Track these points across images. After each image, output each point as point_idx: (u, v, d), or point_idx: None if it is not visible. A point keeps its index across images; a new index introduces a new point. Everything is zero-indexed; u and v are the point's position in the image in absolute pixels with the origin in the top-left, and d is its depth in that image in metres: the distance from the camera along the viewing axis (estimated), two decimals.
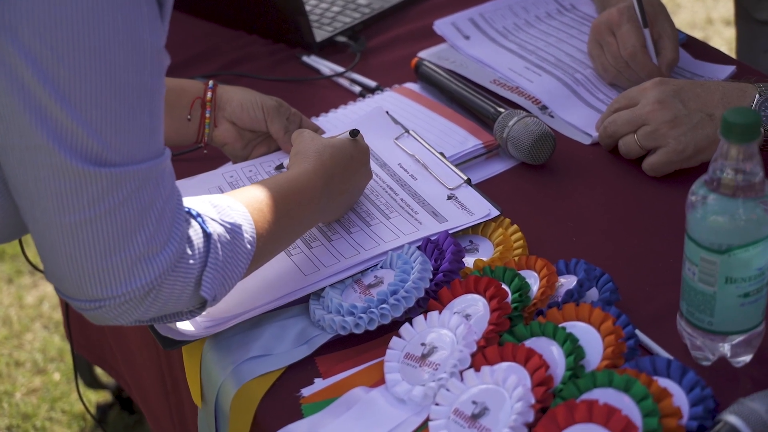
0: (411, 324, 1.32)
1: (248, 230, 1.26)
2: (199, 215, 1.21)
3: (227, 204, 1.25)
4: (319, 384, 1.31)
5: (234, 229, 1.24)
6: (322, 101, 1.77)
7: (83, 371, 2.43)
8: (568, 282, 1.37)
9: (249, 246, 1.25)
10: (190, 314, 1.26)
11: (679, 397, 1.21)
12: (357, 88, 1.80)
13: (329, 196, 1.41)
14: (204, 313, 1.29)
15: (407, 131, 1.63)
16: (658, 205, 1.54)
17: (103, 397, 2.53)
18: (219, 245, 1.21)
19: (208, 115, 1.59)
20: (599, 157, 1.64)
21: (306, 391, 1.30)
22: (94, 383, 2.48)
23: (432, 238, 1.42)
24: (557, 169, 1.62)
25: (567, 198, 1.58)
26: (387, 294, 1.36)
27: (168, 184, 1.18)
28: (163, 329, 1.35)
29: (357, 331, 1.35)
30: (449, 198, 1.52)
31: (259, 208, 1.29)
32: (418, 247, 1.42)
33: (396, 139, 1.63)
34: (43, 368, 2.66)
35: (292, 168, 1.41)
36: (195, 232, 1.20)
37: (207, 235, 1.21)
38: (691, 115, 1.57)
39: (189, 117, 1.58)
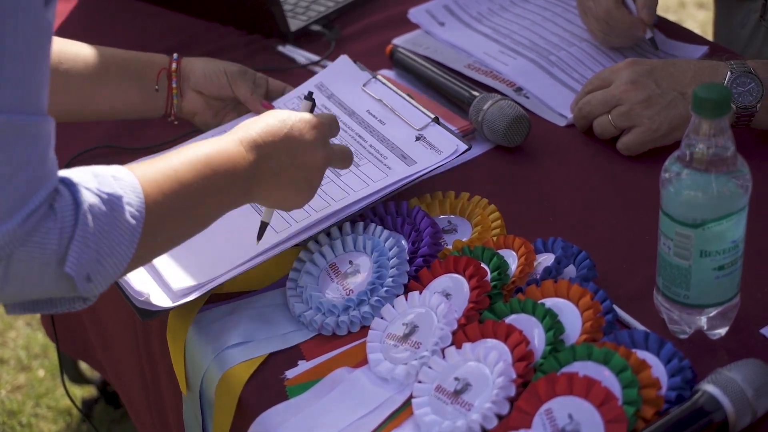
0: (392, 305, 1.34)
1: (133, 202, 1.13)
2: (72, 184, 1.10)
3: (111, 173, 1.14)
4: (303, 366, 1.33)
5: (112, 200, 1.11)
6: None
7: (68, 367, 2.43)
8: (545, 260, 1.39)
9: (132, 220, 1.12)
10: (70, 303, 1.15)
11: (658, 369, 1.23)
12: None
13: (264, 171, 1.28)
14: (177, 281, 1.28)
15: (375, 76, 1.65)
16: (633, 183, 1.56)
17: (89, 392, 2.54)
18: (90, 217, 1.09)
19: (174, 85, 1.62)
20: (574, 138, 1.66)
21: (290, 374, 1.32)
22: (79, 378, 2.48)
23: (409, 220, 1.44)
24: (533, 151, 1.64)
25: (543, 179, 1.60)
26: (366, 293, 1.37)
27: (38, 150, 1.07)
28: (140, 303, 1.36)
29: (339, 333, 1.36)
30: (417, 139, 1.54)
31: (154, 179, 1.17)
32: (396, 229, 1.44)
33: (364, 85, 1.65)
34: (27, 365, 2.67)
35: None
36: (63, 203, 1.08)
37: (76, 206, 1.09)
38: (664, 94, 1.59)
39: (156, 88, 1.61)
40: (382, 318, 1.34)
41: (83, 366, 2.48)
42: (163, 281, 1.38)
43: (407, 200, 1.49)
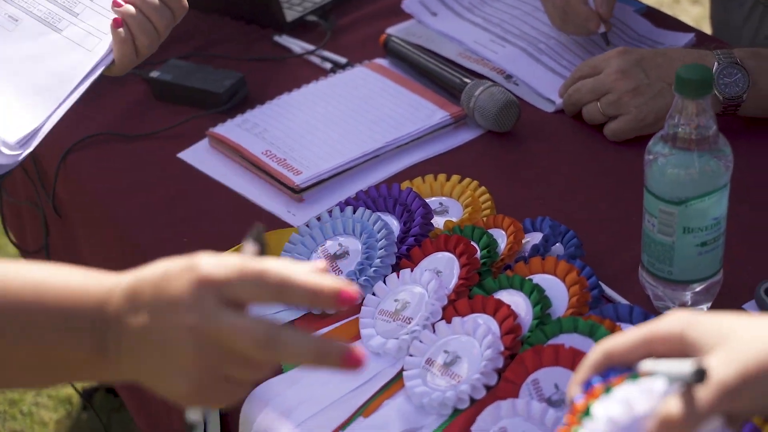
0: (384, 282, 1.38)
1: None
2: None
3: None
4: None
5: None
6: (295, 79, 1.82)
7: None
8: (534, 238, 1.42)
9: None
10: None
11: None
12: (328, 65, 1.85)
13: (128, 328, 0.87)
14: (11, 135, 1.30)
15: None
16: (619, 167, 1.60)
17: (90, 382, 2.57)
18: None
19: None
20: (563, 123, 1.70)
21: None
22: None
23: (401, 201, 1.47)
24: (523, 136, 1.68)
25: (532, 163, 1.63)
26: (355, 273, 1.40)
27: None
28: None
29: (330, 311, 1.40)
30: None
31: None
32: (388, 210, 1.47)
33: None
34: None
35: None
36: None
37: None
38: (653, 84, 1.63)
39: None
40: (374, 295, 1.37)
41: None
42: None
43: (399, 183, 1.53)
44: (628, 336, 0.90)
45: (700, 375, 0.81)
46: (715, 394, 0.82)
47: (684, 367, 0.83)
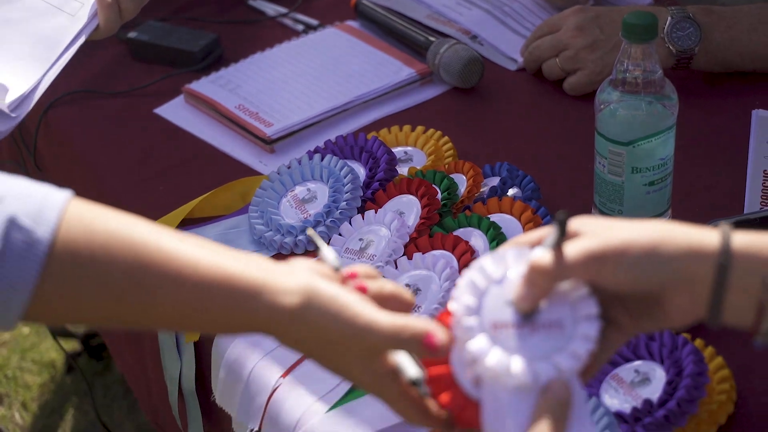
0: (350, 223, 1.45)
1: (11, 268, 0.87)
2: None
3: (12, 216, 0.87)
4: None
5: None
6: (268, 40, 1.88)
7: None
8: (493, 183, 1.49)
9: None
10: None
11: None
12: (300, 27, 1.92)
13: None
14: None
15: None
16: (577, 119, 1.67)
17: (72, 346, 2.64)
18: None
19: None
20: (524, 80, 1.77)
21: None
22: (63, 332, 2.58)
23: (366, 149, 1.54)
24: (486, 92, 1.75)
25: (495, 117, 1.70)
26: (322, 215, 1.47)
27: None
28: None
29: (297, 252, 1.46)
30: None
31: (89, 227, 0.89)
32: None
33: None
34: None
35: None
36: None
37: None
38: (608, 39, 1.70)
39: None
40: (340, 235, 1.44)
41: None
42: None
43: (365, 134, 1.60)
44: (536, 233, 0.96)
45: (563, 220, 0.88)
46: (580, 253, 0.88)
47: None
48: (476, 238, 1.38)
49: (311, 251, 1.46)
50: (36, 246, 0.87)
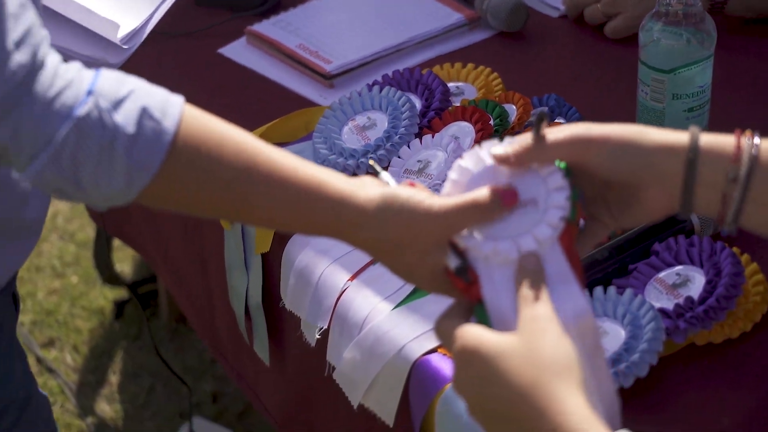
0: (408, 146, 1.56)
1: (145, 146, 0.98)
2: (92, 93, 0.98)
3: (145, 106, 0.98)
4: None
5: (115, 133, 0.98)
6: None
7: (102, 268, 2.65)
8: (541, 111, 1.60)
9: (132, 163, 0.98)
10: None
11: None
12: None
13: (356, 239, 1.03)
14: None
15: None
16: (617, 60, 1.78)
17: (120, 294, 2.75)
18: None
19: None
20: (566, 26, 1.88)
21: None
22: (112, 279, 2.70)
23: (422, 82, 1.65)
24: (530, 36, 1.86)
25: (539, 60, 1.81)
26: (382, 140, 1.58)
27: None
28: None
29: (359, 173, 1.58)
30: None
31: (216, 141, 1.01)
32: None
33: None
34: (61, 272, 2.88)
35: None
36: (75, 75, 0.99)
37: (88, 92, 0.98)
38: None
39: None
40: (399, 158, 1.55)
41: (116, 268, 2.69)
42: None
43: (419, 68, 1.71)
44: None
45: (545, 113, 0.97)
46: (565, 135, 0.95)
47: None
48: None
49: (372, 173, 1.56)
50: (163, 134, 0.98)
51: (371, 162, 1.13)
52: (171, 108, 1.00)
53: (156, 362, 2.56)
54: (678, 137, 0.95)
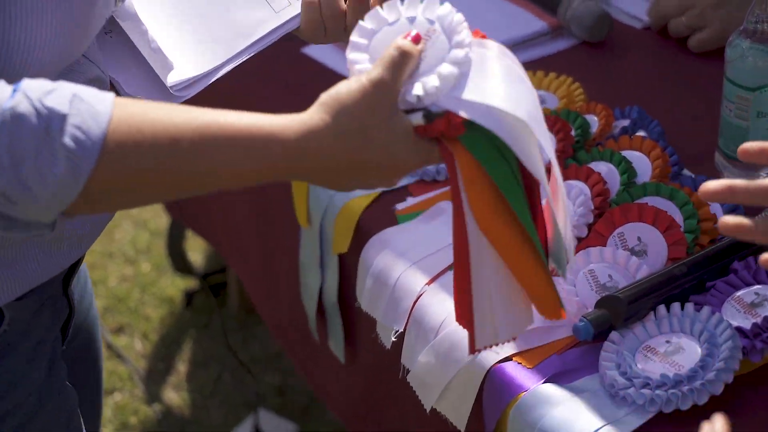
0: None
1: (85, 127, 0.97)
2: (18, 89, 0.97)
3: (75, 92, 0.98)
4: (411, 200, 1.56)
5: (50, 117, 0.96)
6: None
7: (174, 257, 2.69)
8: (622, 124, 1.60)
9: (73, 144, 0.96)
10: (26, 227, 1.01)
11: (715, 207, 1.44)
12: None
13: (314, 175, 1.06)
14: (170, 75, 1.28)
15: None
16: (700, 74, 1.78)
17: (190, 284, 2.79)
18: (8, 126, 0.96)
19: None
20: (649, 37, 1.88)
21: (400, 206, 1.55)
22: (184, 269, 2.73)
23: None
24: (613, 47, 1.86)
25: (621, 70, 1.81)
26: None
27: None
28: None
29: (439, 178, 1.58)
30: None
31: (132, 118, 0.99)
32: None
33: None
34: (133, 259, 2.92)
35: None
36: None
37: None
38: None
39: None
40: None
41: (189, 257, 2.73)
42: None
43: None
44: None
45: None
46: None
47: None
48: (608, 171, 1.49)
49: None
50: (99, 115, 0.98)
51: None
52: (103, 95, 0.99)
53: (224, 352, 2.59)
54: None
